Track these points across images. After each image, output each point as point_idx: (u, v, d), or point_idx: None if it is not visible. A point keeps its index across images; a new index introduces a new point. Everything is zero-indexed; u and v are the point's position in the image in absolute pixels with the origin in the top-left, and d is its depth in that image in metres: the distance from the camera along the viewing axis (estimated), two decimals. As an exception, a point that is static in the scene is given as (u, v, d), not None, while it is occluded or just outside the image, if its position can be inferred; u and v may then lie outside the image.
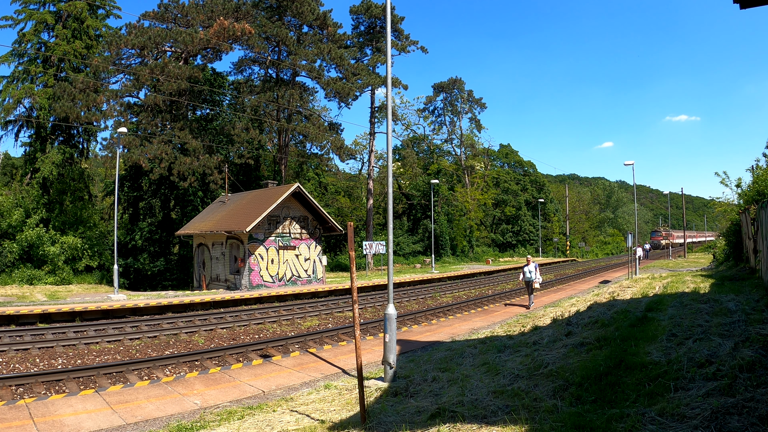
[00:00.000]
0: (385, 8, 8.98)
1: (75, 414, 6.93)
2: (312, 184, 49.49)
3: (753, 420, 4.40)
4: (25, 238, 28.16)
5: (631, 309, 10.69)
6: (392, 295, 8.70)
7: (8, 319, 13.22)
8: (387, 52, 8.87)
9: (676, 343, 7.18)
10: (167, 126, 33.04)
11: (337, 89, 37.30)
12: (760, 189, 17.31)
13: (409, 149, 52.85)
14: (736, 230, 24.21)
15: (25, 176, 33.43)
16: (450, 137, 65.95)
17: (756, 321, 7.71)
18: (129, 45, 30.24)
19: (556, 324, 10.93)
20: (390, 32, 8.94)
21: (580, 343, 8.25)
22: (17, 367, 9.38)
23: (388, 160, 8.78)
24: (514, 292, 22.02)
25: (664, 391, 5.55)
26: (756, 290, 11.86)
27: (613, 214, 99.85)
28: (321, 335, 12.70)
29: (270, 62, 37.16)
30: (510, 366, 7.91)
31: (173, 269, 37.81)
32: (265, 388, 8.31)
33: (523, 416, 5.42)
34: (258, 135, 36.90)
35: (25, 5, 33.01)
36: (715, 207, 34.52)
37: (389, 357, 8.22)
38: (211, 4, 32.93)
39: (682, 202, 68.78)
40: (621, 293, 15.56)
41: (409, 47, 44.79)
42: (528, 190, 69.98)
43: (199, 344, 11.64)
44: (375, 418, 6.21)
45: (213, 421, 6.75)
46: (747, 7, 3.60)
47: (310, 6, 35.99)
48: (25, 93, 31.41)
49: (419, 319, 15.54)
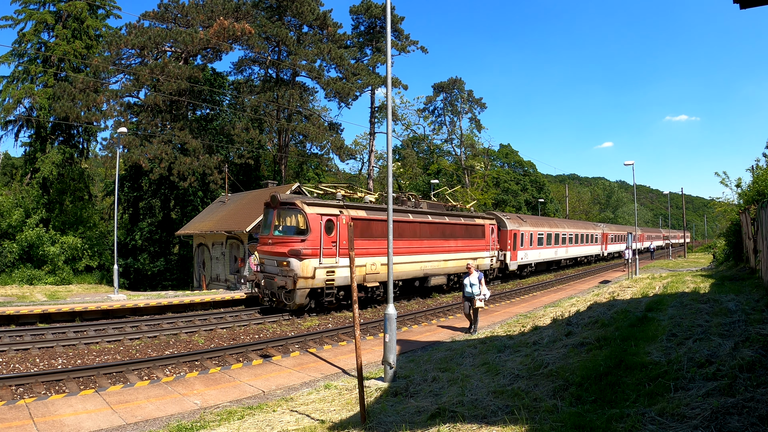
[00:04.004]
0: (385, 8, 8.98)
1: (75, 414, 6.93)
2: (312, 184, 49.47)
3: (753, 420, 4.40)
4: (25, 238, 28.17)
5: (631, 309, 10.69)
6: (392, 295, 8.70)
7: (8, 319, 13.21)
8: (387, 52, 8.87)
9: (676, 343, 7.18)
10: (167, 126, 33.05)
11: (337, 89, 37.31)
12: (760, 189, 17.31)
13: (409, 149, 52.86)
14: (736, 230, 24.21)
15: (25, 176, 33.43)
16: (450, 137, 65.98)
17: (756, 321, 7.71)
18: (129, 45, 30.25)
19: (556, 324, 10.93)
20: (390, 32, 8.94)
21: (580, 343, 8.25)
22: (17, 367, 9.37)
23: (388, 160, 8.78)
24: (514, 293, 22.02)
25: (664, 391, 5.55)
26: (756, 290, 11.86)
27: (613, 214, 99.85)
28: (321, 335, 12.69)
29: (270, 62, 37.16)
30: (510, 366, 7.90)
31: (173, 269, 37.82)
32: (265, 388, 8.31)
33: (523, 416, 5.42)
34: (258, 135, 36.91)
35: (25, 5, 33.02)
36: (715, 207, 34.52)
37: (389, 357, 8.21)
38: (211, 4, 32.94)
39: (682, 202, 68.79)
40: (621, 293, 15.56)
41: (409, 47, 44.83)
42: (528, 190, 70.00)
43: (199, 344, 11.64)
44: (375, 418, 6.21)
45: (213, 421, 6.75)
46: (747, 7, 3.60)
47: (310, 6, 35.99)
48: (25, 93, 31.43)
49: (419, 319, 15.54)
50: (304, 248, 14.49)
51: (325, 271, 14.94)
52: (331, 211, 15.43)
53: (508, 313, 16.53)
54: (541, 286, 24.75)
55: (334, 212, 15.47)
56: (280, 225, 15.66)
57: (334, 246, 15.27)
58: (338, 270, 15.41)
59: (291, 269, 14.41)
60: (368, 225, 16.63)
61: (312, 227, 14.75)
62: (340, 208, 15.88)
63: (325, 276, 14.96)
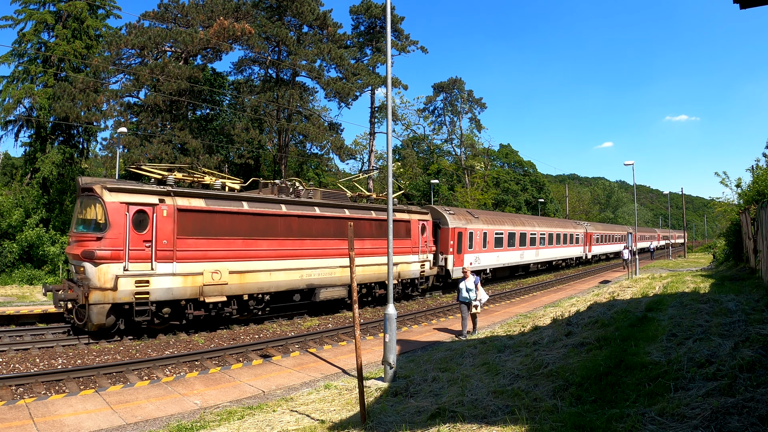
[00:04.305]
0: (385, 8, 8.98)
1: (75, 414, 6.93)
2: (312, 184, 49.49)
3: (753, 420, 4.40)
4: (25, 238, 28.17)
5: (631, 309, 10.69)
6: (392, 295, 8.70)
7: (8, 319, 13.21)
8: (387, 52, 8.88)
9: (676, 343, 7.18)
10: (167, 126, 33.03)
11: (337, 89, 37.32)
12: (760, 189, 17.32)
13: (409, 149, 52.84)
14: (736, 230, 24.21)
15: (25, 176, 33.42)
16: (450, 137, 65.97)
17: (756, 321, 7.71)
18: (129, 45, 30.24)
19: (556, 324, 10.93)
20: (390, 32, 8.95)
21: (580, 343, 8.25)
22: (17, 367, 9.37)
23: (388, 160, 8.78)
24: (514, 293, 22.02)
25: (664, 391, 5.55)
26: (756, 290, 11.86)
27: (613, 214, 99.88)
28: (321, 335, 12.70)
29: (270, 62, 37.16)
30: (510, 366, 7.90)
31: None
32: (265, 388, 8.31)
33: (523, 416, 5.42)
34: (258, 135, 36.91)
35: (25, 5, 33.02)
36: (715, 207, 34.52)
37: (389, 357, 8.21)
38: (211, 4, 32.93)
39: (682, 202, 68.79)
40: (621, 293, 15.56)
41: (409, 47, 44.81)
42: (528, 190, 70.01)
43: (199, 344, 11.64)
44: (375, 418, 6.21)
45: (213, 421, 6.75)
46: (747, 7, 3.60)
47: (310, 6, 35.99)
48: (25, 93, 31.42)
49: (419, 319, 15.54)
50: (101, 249, 10.91)
51: (134, 280, 11.24)
52: (144, 199, 11.64)
53: (508, 313, 16.53)
54: (541, 286, 24.76)
55: (149, 201, 11.69)
56: (81, 218, 12.00)
57: (149, 247, 11.51)
58: (155, 279, 11.54)
59: (86, 277, 11.01)
60: (209, 219, 12.67)
61: (112, 220, 11.09)
62: (162, 195, 12.00)
63: (134, 287, 11.23)
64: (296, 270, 14.50)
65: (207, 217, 12.64)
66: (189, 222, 12.24)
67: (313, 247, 15.01)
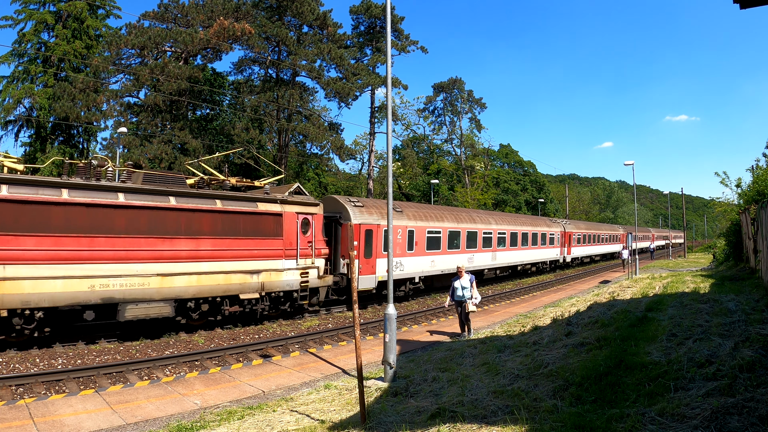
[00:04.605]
0: (385, 8, 8.99)
1: (75, 414, 6.93)
2: (312, 184, 49.48)
3: (753, 420, 4.41)
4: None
5: (631, 309, 10.69)
6: (392, 295, 8.71)
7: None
8: (387, 52, 8.88)
9: (676, 343, 7.18)
10: (167, 126, 33.05)
11: (337, 89, 37.33)
12: (760, 189, 17.32)
13: (409, 149, 52.86)
14: (736, 230, 24.22)
15: (25, 176, 33.43)
16: (450, 137, 65.98)
17: (756, 321, 7.71)
18: (129, 45, 30.26)
19: (556, 324, 10.93)
20: (390, 32, 8.95)
21: (580, 343, 8.25)
22: (17, 367, 9.37)
23: (388, 160, 8.78)
24: (514, 293, 22.02)
25: (664, 391, 5.55)
26: (756, 290, 11.87)
27: (613, 214, 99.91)
28: (321, 335, 12.70)
29: (270, 62, 37.17)
30: (510, 366, 7.90)
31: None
32: (265, 388, 8.31)
33: (523, 416, 5.42)
34: (258, 135, 36.92)
35: (25, 5, 33.06)
36: (715, 207, 34.51)
37: (389, 357, 8.21)
38: (211, 4, 32.95)
39: (682, 202, 68.80)
40: (621, 293, 15.55)
41: (409, 47, 44.84)
42: (528, 190, 70.02)
43: (199, 344, 11.64)
44: (375, 418, 6.21)
45: (213, 421, 6.75)
46: (747, 7, 3.60)
47: (310, 6, 36.00)
48: (25, 93, 31.46)
49: (419, 319, 15.54)
50: None
51: None
52: None
53: (508, 313, 16.53)
54: (541, 286, 24.75)
55: None
56: None
57: None
58: None
59: None
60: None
61: None
62: None
63: None
64: (83, 278, 10.54)
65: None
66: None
67: (113, 248, 11.04)
